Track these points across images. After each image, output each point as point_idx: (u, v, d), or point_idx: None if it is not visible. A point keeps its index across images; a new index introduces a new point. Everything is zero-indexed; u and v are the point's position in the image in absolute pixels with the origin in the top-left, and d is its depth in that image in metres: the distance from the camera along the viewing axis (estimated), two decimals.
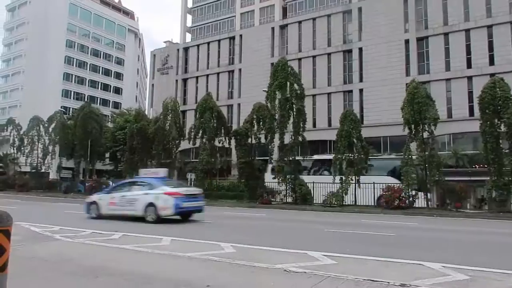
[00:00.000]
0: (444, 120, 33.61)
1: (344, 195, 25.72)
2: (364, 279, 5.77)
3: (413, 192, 24.49)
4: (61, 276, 5.80)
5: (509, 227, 15.83)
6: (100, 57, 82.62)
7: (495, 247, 10.35)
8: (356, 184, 26.44)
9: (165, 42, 62.06)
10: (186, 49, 58.34)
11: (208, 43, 56.07)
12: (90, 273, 6.03)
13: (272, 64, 39.13)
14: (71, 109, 68.10)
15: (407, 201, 23.92)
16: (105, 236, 10.40)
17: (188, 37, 62.35)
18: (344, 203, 25.36)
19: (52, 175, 48.95)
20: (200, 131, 32.54)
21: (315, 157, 33.05)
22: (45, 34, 72.69)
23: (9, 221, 2.96)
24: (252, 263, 6.93)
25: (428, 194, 24.48)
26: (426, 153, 24.63)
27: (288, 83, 28.95)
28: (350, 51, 44.55)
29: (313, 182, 27.56)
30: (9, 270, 3.17)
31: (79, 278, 5.71)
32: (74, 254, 7.74)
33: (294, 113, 28.74)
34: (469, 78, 37.69)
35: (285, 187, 28.44)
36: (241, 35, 53.26)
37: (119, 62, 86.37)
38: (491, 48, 37.29)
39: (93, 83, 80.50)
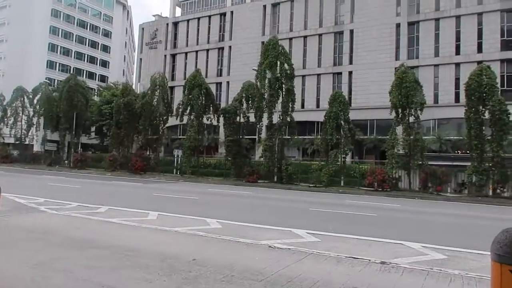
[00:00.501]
0: (430, 105, 33.98)
1: (329, 175, 26.12)
2: (346, 257, 5.96)
3: (396, 175, 25.02)
4: (47, 248, 5.82)
5: (487, 211, 16.36)
6: (86, 28, 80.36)
7: (472, 229, 10.73)
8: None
9: (154, 15, 60.63)
10: (175, 24, 57.13)
11: (198, 18, 54.94)
12: (77, 245, 6.08)
13: (262, 42, 38.77)
14: (56, 81, 66.61)
15: (390, 183, 24.42)
16: (91, 209, 10.41)
17: (178, 11, 60.88)
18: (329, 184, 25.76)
19: (37, 148, 48.25)
20: (188, 108, 32.34)
21: None
22: (30, 2, 70.17)
23: None
24: (238, 239, 7.06)
25: (411, 177, 25.05)
26: (411, 137, 25.04)
27: (278, 63, 28.81)
28: (341, 32, 44.27)
29: None
30: None
31: (66, 249, 5.75)
32: (60, 226, 7.75)
33: (284, 93, 28.73)
34: (457, 65, 37.97)
35: (272, 166, 28.64)
36: (232, 12, 52.26)
37: (106, 34, 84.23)
38: (480, 35, 37.50)
39: (79, 55, 78.54)
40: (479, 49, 37.24)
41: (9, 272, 4.47)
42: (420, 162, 24.83)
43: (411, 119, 25.36)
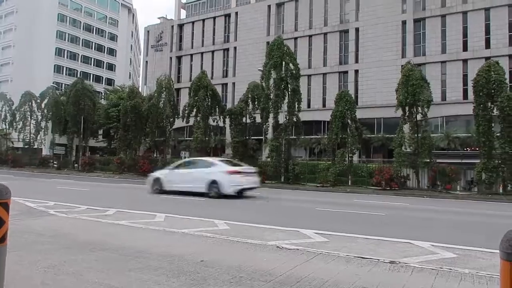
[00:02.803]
0: (438, 102, 33.75)
1: (336, 175, 26.04)
2: (355, 256, 5.92)
3: (404, 173, 24.86)
4: (57, 250, 5.87)
5: (497, 208, 16.18)
6: (92, 32, 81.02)
7: (482, 227, 10.61)
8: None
9: (159, 18, 60.91)
10: (180, 26, 57.37)
11: (203, 20, 55.12)
12: (85, 247, 6.12)
13: (267, 43, 38.72)
14: (63, 85, 67.24)
15: (398, 182, 24.27)
16: (100, 212, 10.48)
17: (183, 13, 61.14)
18: (336, 183, 25.67)
19: (45, 151, 48.74)
20: (194, 110, 32.44)
21: None
22: (36, 7, 70.86)
23: (7, 194, 2.99)
24: (246, 239, 7.06)
25: (419, 176, 24.87)
26: (419, 135, 24.87)
27: (283, 63, 28.79)
28: (346, 31, 44.12)
29: None
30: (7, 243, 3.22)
31: (75, 252, 5.79)
32: (69, 229, 7.81)
33: (289, 93, 28.69)
34: (465, 61, 37.66)
35: (278, 166, 28.61)
36: (236, 13, 52.36)
37: (112, 38, 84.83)
38: (487, 31, 37.13)
39: (86, 59, 79.19)
40: (487, 45, 36.89)
41: (19, 275, 4.52)
42: (428, 160, 24.63)
43: (419, 117, 25.18)
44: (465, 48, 37.94)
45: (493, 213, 14.37)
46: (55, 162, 43.43)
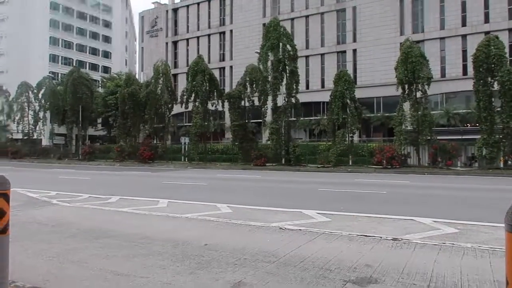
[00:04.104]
0: (438, 79, 33.51)
1: (337, 155, 26.08)
2: (358, 235, 5.96)
3: (405, 151, 24.89)
4: (61, 239, 5.90)
5: (498, 183, 16.25)
6: (86, 20, 79.90)
7: (484, 202, 10.66)
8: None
9: (153, 3, 59.90)
10: (175, 10, 56.53)
11: (198, 3, 54.24)
12: (89, 235, 6.14)
13: (264, 24, 38.24)
14: (59, 74, 66.68)
15: (399, 160, 24.33)
16: (102, 200, 10.51)
17: None
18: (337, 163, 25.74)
19: (45, 142, 48.68)
20: (193, 95, 32.23)
21: None
22: None
23: (7, 185, 2.97)
24: (248, 222, 7.10)
25: (420, 153, 24.91)
26: (419, 112, 24.81)
27: (280, 44, 28.49)
28: (343, 10, 43.50)
29: None
30: (10, 234, 3.21)
31: (79, 240, 5.82)
32: (72, 217, 7.84)
33: (287, 74, 28.49)
34: (464, 37, 37.25)
35: (279, 148, 28.64)
36: None
37: (107, 24, 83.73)
38: (486, 5, 36.58)
39: (81, 47, 78.33)
40: (486, 19, 36.42)
41: (25, 265, 4.54)
42: (429, 137, 24.64)
43: (418, 94, 25.06)
44: (464, 23, 37.47)
45: (494, 188, 14.43)
46: (55, 152, 43.42)
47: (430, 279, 4.00)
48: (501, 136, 22.56)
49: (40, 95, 44.24)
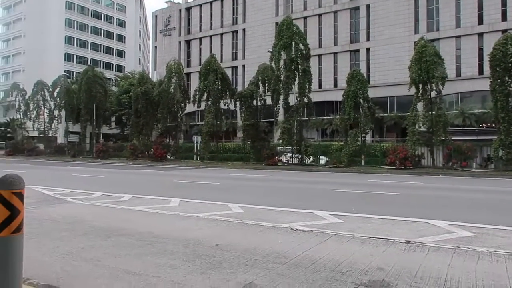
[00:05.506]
0: (453, 79, 33.02)
1: (349, 155, 25.89)
2: (370, 237, 5.90)
3: (419, 152, 24.56)
4: (74, 236, 5.98)
5: None
6: (101, 19, 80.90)
7: (500, 205, 10.45)
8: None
9: (166, 2, 60.30)
10: (188, 9, 56.81)
11: (211, 2, 54.42)
12: (102, 233, 6.21)
13: (276, 23, 38.14)
14: (74, 73, 67.65)
15: (412, 161, 24.02)
16: (115, 198, 10.62)
17: None
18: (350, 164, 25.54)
19: (60, 140, 49.47)
20: (205, 94, 32.35)
21: None
22: None
23: (21, 184, 3.01)
24: (260, 222, 7.09)
25: (434, 154, 24.55)
26: (433, 112, 24.45)
27: (293, 43, 28.37)
28: (357, 8, 43.14)
29: None
30: (25, 231, 3.26)
31: (92, 238, 5.89)
32: (86, 215, 7.94)
33: (300, 73, 28.36)
34: (480, 35, 36.58)
35: (291, 148, 28.58)
36: None
37: (121, 24, 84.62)
38: (504, 2, 35.85)
39: (95, 46, 79.37)
40: (503, 17, 35.72)
41: (39, 262, 4.61)
42: (443, 138, 24.26)
43: (433, 94, 24.71)
44: (480, 22, 36.79)
45: (511, 190, 14.14)
46: (69, 150, 44.09)
47: (444, 284, 3.94)
48: None
49: (55, 94, 45.01)
